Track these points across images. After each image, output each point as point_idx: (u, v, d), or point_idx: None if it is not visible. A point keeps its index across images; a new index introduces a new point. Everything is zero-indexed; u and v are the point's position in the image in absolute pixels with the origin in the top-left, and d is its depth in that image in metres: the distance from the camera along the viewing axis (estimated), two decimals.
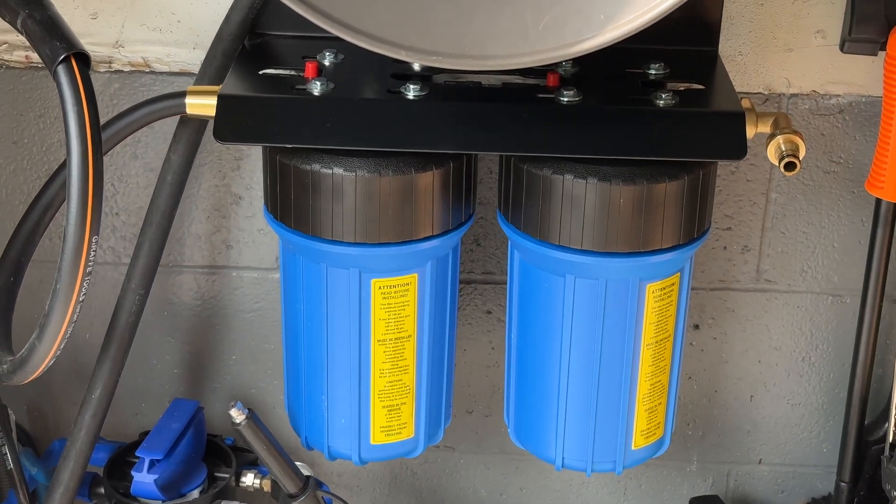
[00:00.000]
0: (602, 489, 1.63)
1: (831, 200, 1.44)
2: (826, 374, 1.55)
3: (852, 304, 1.48)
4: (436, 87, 1.17)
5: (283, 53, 1.25)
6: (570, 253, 1.17)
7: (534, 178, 1.16)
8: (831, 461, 1.54)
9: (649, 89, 1.17)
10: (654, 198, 1.14)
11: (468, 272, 1.48)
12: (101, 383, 1.30)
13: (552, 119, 1.14)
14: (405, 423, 1.28)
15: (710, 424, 1.58)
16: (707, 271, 1.48)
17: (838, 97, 1.38)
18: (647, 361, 1.24)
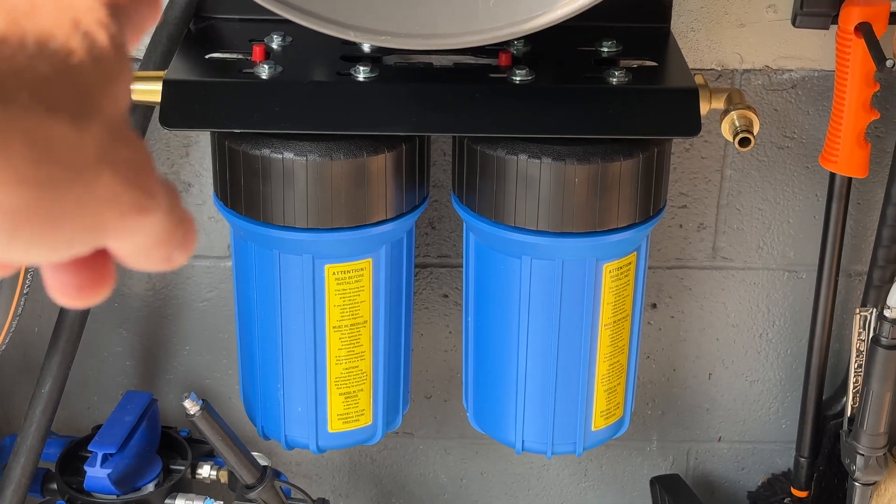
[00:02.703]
0: (563, 471, 1.63)
1: (786, 176, 1.44)
2: (783, 350, 1.55)
3: (808, 279, 1.49)
4: (386, 69, 1.15)
5: (229, 37, 1.23)
6: (526, 234, 1.15)
7: (487, 159, 1.15)
8: (790, 437, 1.54)
9: (602, 67, 1.16)
10: (609, 176, 1.13)
11: (423, 256, 1.47)
12: (51, 377, 1.27)
13: (505, 99, 1.13)
14: (363, 411, 1.26)
15: (669, 403, 1.58)
16: (663, 250, 1.48)
17: (791, 72, 1.38)
18: (606, 342, 1.23)
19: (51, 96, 0.34)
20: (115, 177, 0.36)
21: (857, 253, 1.47)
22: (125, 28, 0.39)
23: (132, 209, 0.37)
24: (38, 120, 0.34)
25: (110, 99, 0.36)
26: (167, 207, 0.39)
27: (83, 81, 0.35)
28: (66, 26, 0.35)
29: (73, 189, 0.35)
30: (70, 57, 0.35)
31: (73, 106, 0.35)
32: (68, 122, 0.34)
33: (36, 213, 0.34)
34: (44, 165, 0.34)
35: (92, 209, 0.36)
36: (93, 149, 0.35)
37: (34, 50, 0.34)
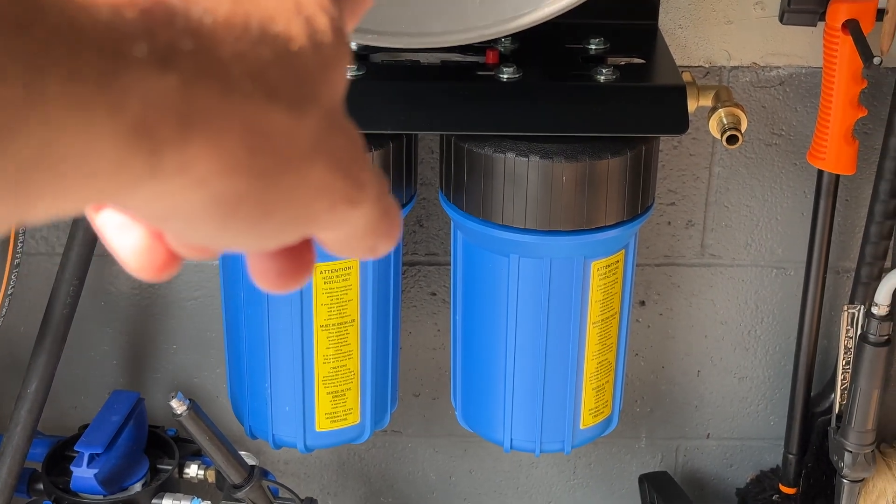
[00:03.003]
0: (551, 469, 1.63)
1: (774, 173, 1.44)
2: (772, 347, 1.55)
3: (796, 276, 1.48)
4: (373, 66, 1.15)
5: None
6: (514, 232, 1.15)
7: (475, 158, 1.14)
8: (779, 433, 1.54)
9: (590, 65, 1.16)
10: (597, 174, 1.13)
11: (411, 254, 1.46)
12: (37, 377, 1.27)
13: (492, 97, 1.12)
14: (351, 409, 1.26)
15: (657, 401, 1.58)
16: (652, 247, 1.48)
17: (779, 69, 1.38)
18: (594, 339, 1.23)
19: (271, 83, 0.33)
20: (329, 167, 0.35)
21: (845, 250, 1.47)
22: (344, 11, 0.38)
23: (343, 200, 0.36)
24: (257, 107, 0.33)
25: (328, 86, 0.35)
26: (376, 198, 0.38)
27: (303, 68, 0.34)
28: (288, 10, 0.34)
29: (287, 178, 0.34)
30: (291, 42, 0.34)
31: (293, 93, 0.34)
32: (287, 111, 0.33)
33: (248, 201, 0.33)
34: (260, 154, 0.33)
35: (303, 199, 0.35)
36: (308, 138, 0.34)
37: (257, 34, 0.33)
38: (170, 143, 0.31)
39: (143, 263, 0.37)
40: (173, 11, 0.31)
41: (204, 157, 0.32)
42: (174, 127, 0.31)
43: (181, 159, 0.31)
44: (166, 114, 0.31)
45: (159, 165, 0.31)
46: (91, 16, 0.29)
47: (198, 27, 0.32)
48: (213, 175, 0.32)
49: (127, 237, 0.37)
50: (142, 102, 0.30)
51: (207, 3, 0.32)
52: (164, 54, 0.31)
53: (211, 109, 0.32)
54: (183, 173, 0.32)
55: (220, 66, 0.32)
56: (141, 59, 0.30)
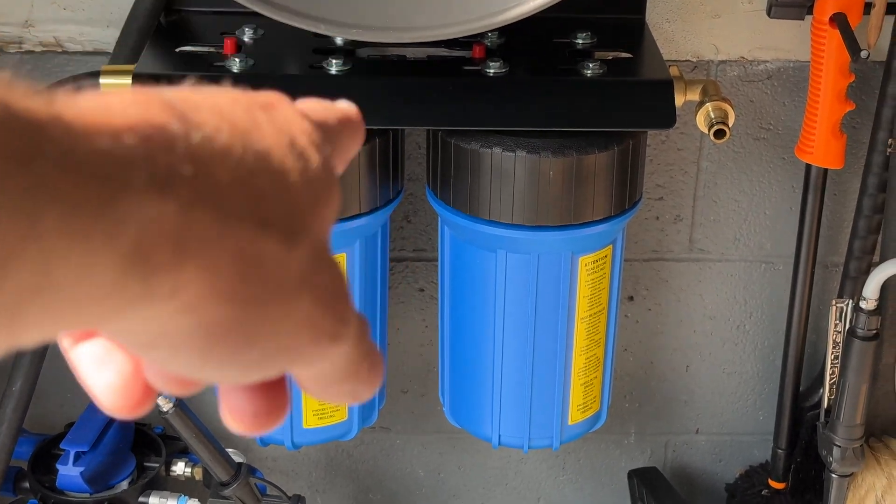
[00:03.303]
0: (540, 465, 1.62)
1: (762, 167, 1.44)
2: (760, 342, 1.55)
3: (785, 270, 1.48)
4: (359, 62, 1.14)
5: (200, 30, 1.21)
6: (501, 228, 1.15)
7: (462, 153, 1.14)
8: (768, 428, 1.54)
9: (577, 59, 1.15)
10: (585, 169, 1.12)
11: (399, 250, 1.46)
12: (22, 374, 1.26)
13: (479, 91, 1.12)
14: (338, 406, 1.26)
15: (646, 396, 1.58)
16: (640, 242, 1.47)
17: (766, 63, 1.37)
18: (582, 335, 1.22)
19: (265, 212, 0.34)
20: (314, 300, 0.36)
21: (834, 244, 1.47)
22: (335, 149, 0.40)
23: (325, 336, 0.36)
24: (251, 235, 0.33)
25: (318, 220, 0.36)
26: (357, 338, 0.38)
27: (296, 201, 0.35)
28: (283, 144, 0.35)
29: (274, 308, 0.34)
30: (285, 175, 0.35)
31: (285, 224, 0.34)
32: (279, 241, 0.34)
33: (235, 329, 0.34)
34: (251, 282, 0.33)
35: (288, 330, 0.35)
36: (298, 269, 0.35)
37: (253, 164, 0.34)
38: (164, 268, 0.31)
39: (118, 401, 0.37)
40: (173, 137, 0.32)
41: (196, 282, 0.32)
42: (169, 252, 0.31)
43: (174, 284, 0.31)
44: (162, 239, 0.31)
45: (152, 289, 0.31)
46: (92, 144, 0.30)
47: (197, 153, 0.32)
48: (204, 300, 0.32)
49: (103, 374, 0.37)
50: (139, 229, 0.30)
51: (207, 131, 0.33)
52: (163, 180, 0.31)
53: (206, 235, 0.32)
54: (174, 298, 0.32)
55: (217, 193, 0.32)
56: (140, 186, 0.30)
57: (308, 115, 0.39)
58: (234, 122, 0.34)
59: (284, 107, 0.38)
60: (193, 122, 0.32)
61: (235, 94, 0.36)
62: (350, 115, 0.43)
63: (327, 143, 0.38)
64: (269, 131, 0.35)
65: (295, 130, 0.37)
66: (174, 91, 0.34)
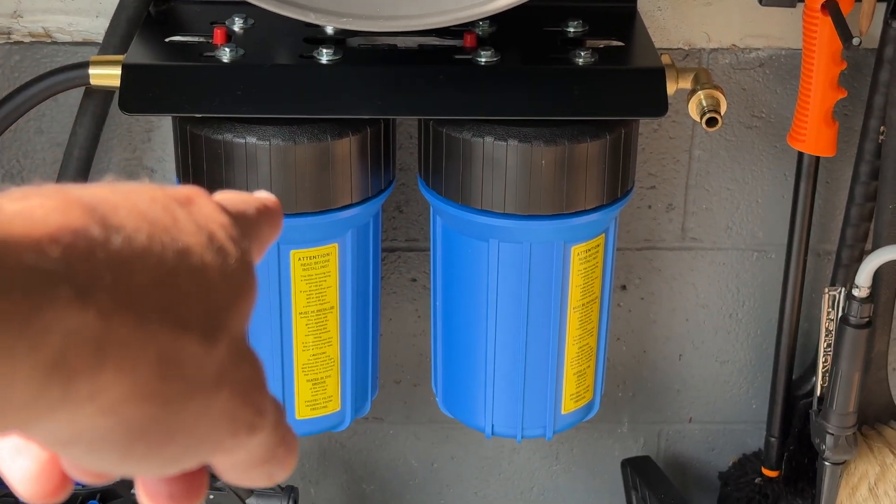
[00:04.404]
0: (534, 454, 1.62)
1: (754, 155, 1.43)
2: (753, 331, 1.55)
3: (777, 259, 1.48)
4: (350, 51, 1.14)
5: (190, 20, 1.21)
6: (493, 217, 1.14)
7: (453, 142, 1.14)
8: (761, 417, 1.54)
9: (568, 47, 1.15)
10: (577, 158, 1.12)
11: (391, 240, 1.46)
12: None
13: (470, 80, 1.12)
14: (331, 397, 1.25)
15: (639, 385, 1.58)
16: (632, 231, 1.47)
17: (758, 51, 1.37)
18: (575, 324, 1.22)
19: (185, 311, 0.34)
20: (233, 394, 0.36)
21: (826, 232, 1.47)
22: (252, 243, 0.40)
23: (243, 428, 0.37)
24: (171, 336, 0.34)
25: (236, 315, 0.37)
26: (274, 425, 0.39)
27: (215, 298, 0.36)
28: (202, 242, 0.36)
29: (193, 405, 0.35)
30: (204, 273, 0.35)
31: (205, 323, 0.35)
32: (198, 340, 0.35)
33: (153, 428, 0.34)
34: (169, 381, 0.34)
35: (207, 425, 0.36)
36: (216, 366, 0.36)
37: (173, 263, 0.34)
38: (84, 373, 0.31)
39: (35, 490, 0.37)
40: (93, 243, 0.32)
41: (115, 385, 0.32)
42: (89, 357, 0.31)
43: (94, 387, 0.32)
44: (83, 346, 0.31)
45: (73, 393, 0.31)
46: (18, 259, 0.30)
47: (117, 258, 0.32)
48: (123, 401, 0.33)
49: (19, 463, 0.37)
50: (61, 338, 0.30)
51: (126, 233, 0.33)
52: (84, 290, 0.31)
53: (126, 339, 0.32)
54: (94, 400, 0.32)
55: (136, 297, 0.32)
56: (62, 297, 0.30)
57: (226, 209, 0.39)
58: (152, 221, 0.34)
59: (203, 202, 0.38)
60: (113, 225, 0.33)
61: (153, 192, 0.36)
62: (268, 204, 0.44)
63: (245, 237, 0.39)
64: (188, 228, 0.36)
65: (213, 226, 0.37)
66: (92, 191, 0.34)
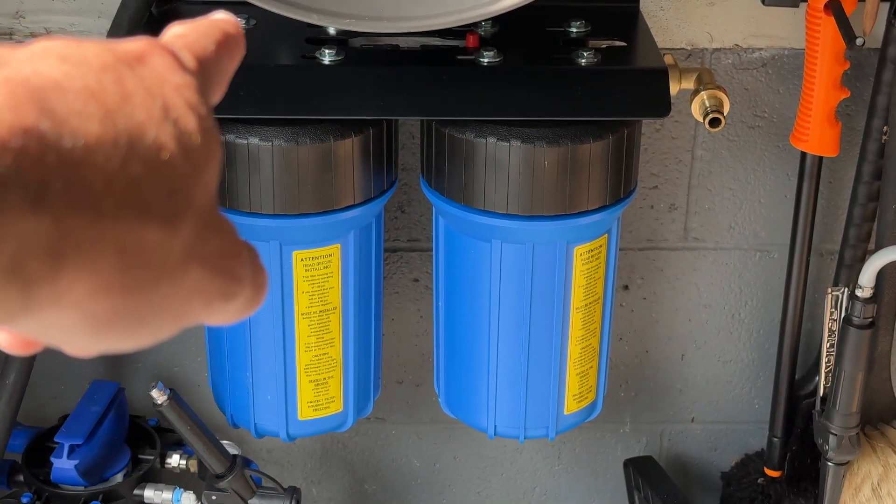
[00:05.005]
0: (536, 455, 1.62)
1: (756, 155, 1.43)
2: (756, 330, 1.54)
3: (780, 259, 1.48)
4: (352, 52, 1.14)
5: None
6: (496, 218, 1.14)
7: (456, 143, 1.13)
8: (763, 417, 1.54)
9: (571, 48, 1.15)
10: (579, 159, 1.12)
11: (393, 240, 1.45)
12: (16, 368, 1.25)
13: (473, 81, 1.11)
14: (333, 397, 1.25)
15: (642, 385, 1.58)
16: (635, 231, 1.47)
17: (761, 51, 1.37)
18: (577, 325, 1.22)
19: (142, 199, 0.33)
20: (204, 269, 0.36)
21: (829, 232, 1.47)
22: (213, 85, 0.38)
23: (218, 297, 0.37)
24: (130, 227, 0.33)
25: (201, 188, 0.35)
26: (251, 281, 0.38)
27: (175, 177, 0.34)
28: (156, 117, 0.34)
29: (162, 288, 0.35)
30: (161, 152, 0.34)
31: (165, 206, 0.34)
32: (159, 225, 0.34)
33: (124, 315, 0.34)
34: (133, 271, 0.33)
35: (179, 304, 0.36)
36: (182, 246, 0.35)
37: (126, 151, 0.33)
38: (42, 278, 0.31)
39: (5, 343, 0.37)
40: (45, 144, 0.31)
41: (77, 284, 0.32)
42: (46, 262, 0.31)
43: (54, 290, 0.32)
44: (39, 251, 0.31)
45: (33, 299, 0.31)
46: None
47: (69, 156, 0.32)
48: (87, 297, 0.33)
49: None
50: (15, 244, 0.30)
51: (78, 123, 0.32)
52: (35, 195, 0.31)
53: (83, 239, 0.32)
54: (57, 302, 0.32)
55: (91, 195, 0.32)
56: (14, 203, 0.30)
57: (181, 59, 0.37)
58: (103, 101, 0.33)
59: (156, 59, 0.36)
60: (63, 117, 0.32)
61: (104, 58, 0.34)
62: (228, 30, 0.40)
63: (206, 86, 0.37)
64: (141, 100, 0.34)
65: (168, 90, 0.35)
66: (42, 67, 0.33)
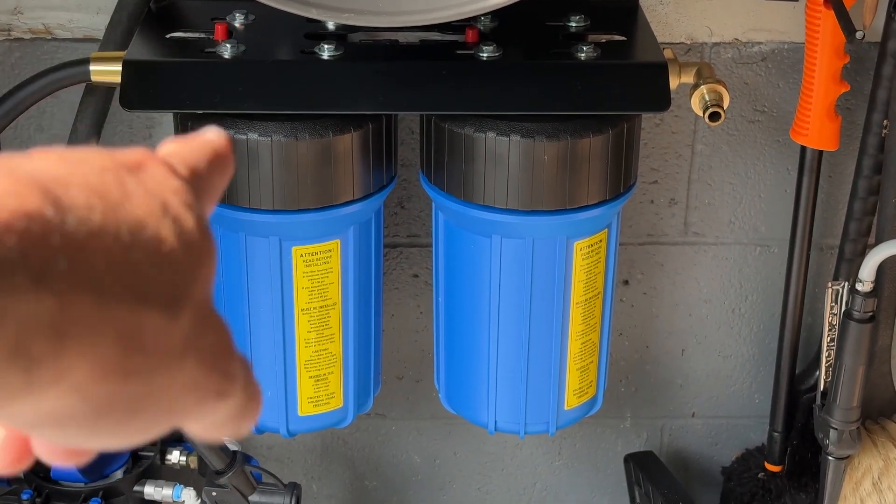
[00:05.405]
0: (536, 450, 1.62)
1: (756, 150, 1.43)
2: (756, 325, 1.54)
3: (780, 253, 1.48)
4: (351, 47, 1.13)
5: (190, 16, 1.20)
6: (495, 213, 1.14)
7: (455, 138, 1.13)
8: (764, 411, 1.54)
9: (570, 42, 1.15)
10: (579, 153, 1.11)
11: (393, 236, 1.45)
12: None
13: (472, 76, 1.11)
14: (333, 393, 1.25)
15: (642, 380, 1.58)
16: (635, 226, 1.47)
17: (760, 45, 1.37)
18: (577, 320, 1.22)
19: (144, 287, 0.34)
20: (199, 363, 0.36)
21: (829, 226, 1.47)
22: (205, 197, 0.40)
23: (211, 394, 0.37)
24: (131, 313, 0.33)
25: (198, 282, 0.37)
26: (243, 387, 0.39)
27: (174, 268, 0.35)
28: (156, 213, 0.35)
29: (159, 377, 0.35)
30: (162, 245, 0.35)
31: (165, 295, 0.35)
32: (160, 313, 0.34)
33: (121, 401, 0.34)
34: (133, 356, 0.34)
35: (174, 396, 0.36)
36: (180, 336, 0.35)
37: (129, 240, 0.34)
38: (45, 358, 0.31)
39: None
40: (48, 228, 0.32)
41: (78, 367, 0.32)
42: (49, 342, 0.31)
43: (56, 370, 0.32)
44: (41, 332, 0.31)
45: (35, 379, 0.31)
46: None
47: (72, 239, 0.32)
48: (88, 381, 0.33)
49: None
50: (18, 324, 0.30)
51: (81, 213, 0.33)
52: (39, 276, 0.31)
53: (85, 321, 0.32)
54: (58, 383, 0.32)
55: (94, 278, 0.32)
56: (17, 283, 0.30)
57: (176, 169, 0.39)
58: (105, 196, 0.34)
59: (153, 166, 0.38)
60: (66, 205, 0.33)
61: (103, 160, 0.36)
62: (218, 147, 0.43)
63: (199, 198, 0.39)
64: (141, 199, 0.35)
65: (166, 193, 0.36)
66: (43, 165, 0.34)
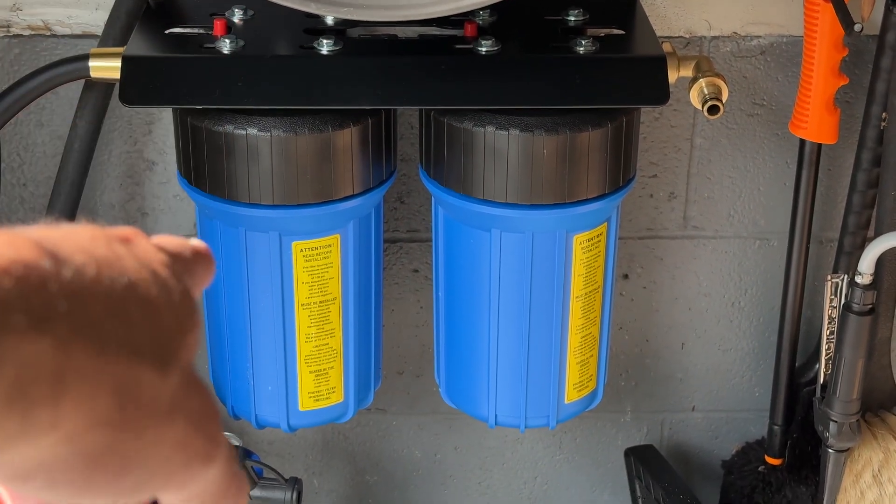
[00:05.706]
0: (537, 444, 1.62)
1: (755, 143, 1.43)
2: (756, 319, 1.54)
3: (779, 247, 1.48)
4: (350, 42, 1.14)
5: (189, 11, 1.21)
6: (495, 207, 1.14)
7: (455, 132, 1.13)
8: (764, 405, 1.54)
9: (569, 36, 1.15)
10: (578, 147, 1.12)
11: (393, 231, 1.45)
12: None
13: (471, 70, 1.11)
14: (334, 388, 1.25)
15: (642, 374, 1.58)
16: (634, 220, 1.47)
17: (759, 38, 1.37)
18: (577, 314, 1.22)
19: (139, 341, 0.35)
20: (187, 423, 0.37)
21: (828, 219, 1.47)
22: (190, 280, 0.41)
23: (198, 457, 0.38)
24: (127, 364, 0.34)
25: (185, 348, 0.38)
26: (226, 459, 0.40)
27: (164, 328, 0.36)
28: (146, 277, 0.37)
29: (150, 432, 0.36)
30: (152, 304, 0.36)
31: (157, 351, 0.36)
32: (152, 368, 0.35)
33: (113, 455, 0.35)
34: (127, 409, 0.35)
35: (163, 453, 0.37)
36: (170, 394, 0.37)
37: (123, 294, 0.35)
38: (43, 403, 0.32)
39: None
40: (46, 275, 0.32)
41: (76, 413, 0.33)
42: (48, 387, 0.31)
43: (53, 416, 0.32)
44: (41, 376, 0.31)
45: (31, 424, 0.32)
46: None
47: (70, 288, 0.33)
48: (83, 430, 0.33)
49: None
50: (17, 367, 0.30)
51: (77, 264, 0.33)
52: (39, 319, 0.31)
53: (84, 368, 0.32)
54: (54, 430, 0.32)
55: (91, 326, 0.33)
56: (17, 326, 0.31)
57: (164, 248, 0.40)
58: (98, 257, 0.35)
59: (141, 241, 0.39)
60: (62, 258, 0.33)
61: (93, 231, 0.37)
62: (201, 250, 0.45)
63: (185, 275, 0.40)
64: (132, 264, 0.36)
65: (155, 263, 0.38)
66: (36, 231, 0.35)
